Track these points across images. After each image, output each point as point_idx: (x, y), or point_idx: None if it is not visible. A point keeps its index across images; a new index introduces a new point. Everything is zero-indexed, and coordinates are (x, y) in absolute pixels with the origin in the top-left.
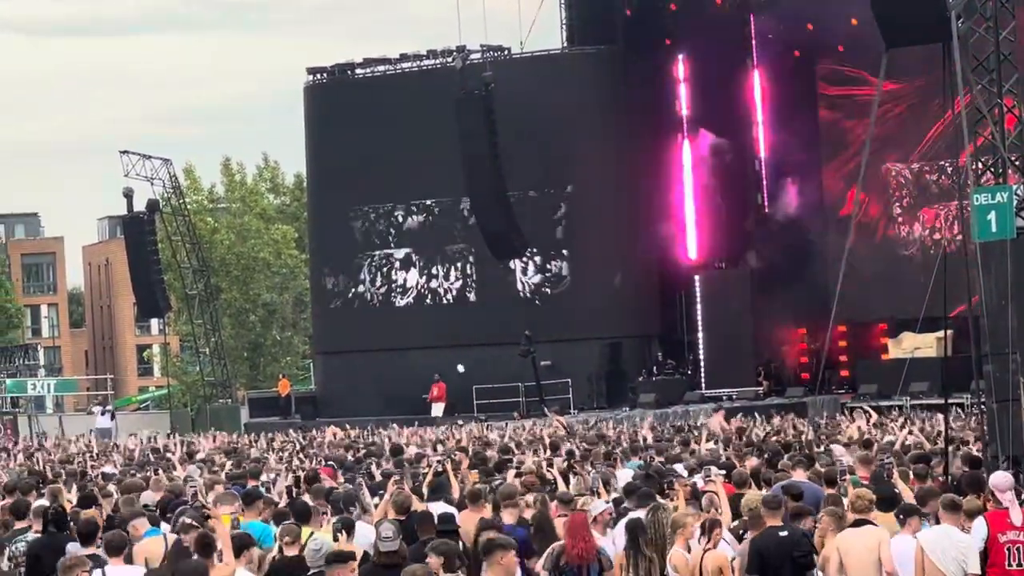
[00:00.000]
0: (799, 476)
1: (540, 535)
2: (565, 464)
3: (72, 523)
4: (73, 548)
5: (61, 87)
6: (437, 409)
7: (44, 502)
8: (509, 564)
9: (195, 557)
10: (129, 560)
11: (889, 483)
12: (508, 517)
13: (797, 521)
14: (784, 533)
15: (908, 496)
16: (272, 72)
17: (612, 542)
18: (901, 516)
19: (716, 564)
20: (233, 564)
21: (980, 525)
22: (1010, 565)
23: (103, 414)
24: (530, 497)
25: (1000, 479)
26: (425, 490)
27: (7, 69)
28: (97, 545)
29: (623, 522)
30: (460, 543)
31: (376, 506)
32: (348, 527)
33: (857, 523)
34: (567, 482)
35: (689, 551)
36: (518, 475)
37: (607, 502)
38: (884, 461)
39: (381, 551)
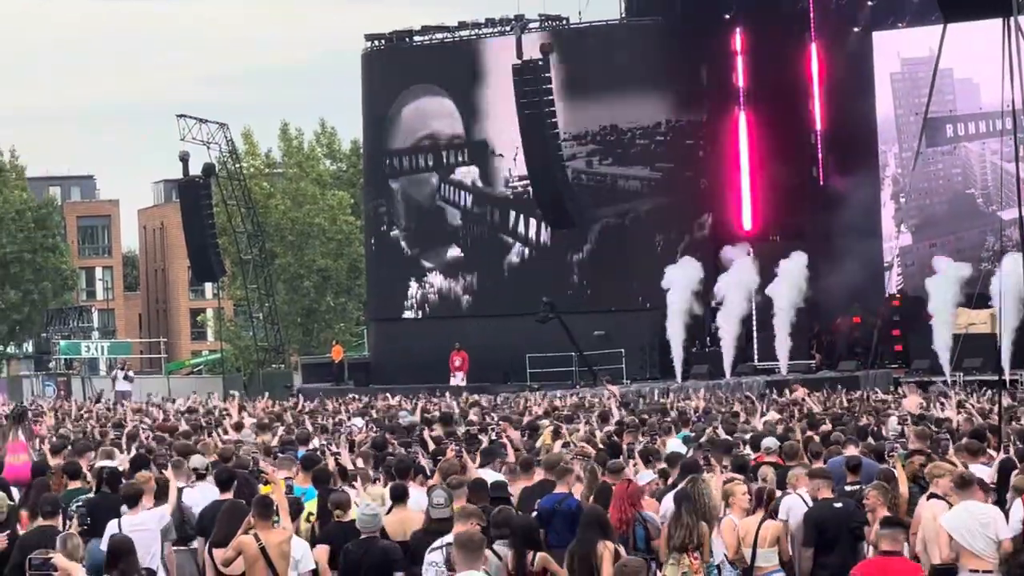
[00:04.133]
0: (851, 452)
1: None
2: (614, 434)
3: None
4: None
5: (119, 49)
6: (459, 379)
7: (107, 462)
8: None
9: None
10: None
11: (945, 459)
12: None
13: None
14: (839, 505)
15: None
16: (331, 37)
17: (661, 512)
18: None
19: (773, 534)
20: (291, 527)
21: (1017, 507)
22: None
23: (124, 378)
24: (579, 467)
25: None
26: (478, 457)
27: (66, 31)
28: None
29: (670, 494)
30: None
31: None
32: (400, 495)
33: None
34: (618, 452)
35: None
36: (564, 444)
37: (654, 473)
38: (940, 437)
39: (432, 518)
